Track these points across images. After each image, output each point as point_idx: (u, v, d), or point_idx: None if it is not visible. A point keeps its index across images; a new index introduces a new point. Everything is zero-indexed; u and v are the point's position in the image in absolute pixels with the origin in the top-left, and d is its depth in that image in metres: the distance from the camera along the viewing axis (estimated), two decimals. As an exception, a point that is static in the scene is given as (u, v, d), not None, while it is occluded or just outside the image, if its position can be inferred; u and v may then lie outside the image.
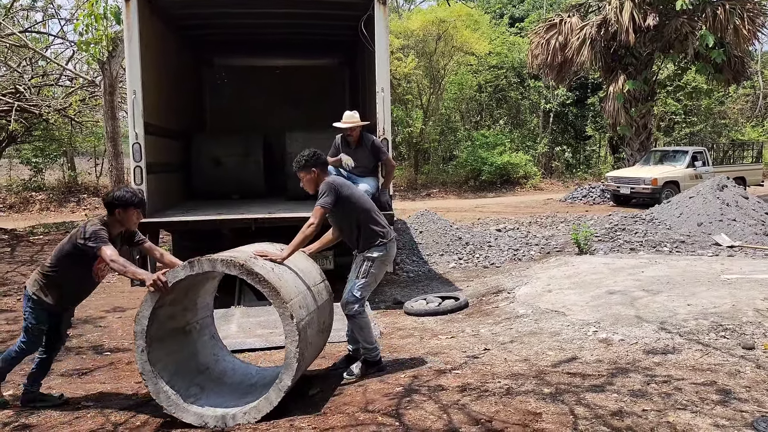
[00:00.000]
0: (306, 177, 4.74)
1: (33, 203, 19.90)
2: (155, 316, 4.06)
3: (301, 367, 4.05)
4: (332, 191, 4.59)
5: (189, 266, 4.00)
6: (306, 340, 4.09)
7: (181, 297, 4.40)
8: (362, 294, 4.71)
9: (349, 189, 4.77)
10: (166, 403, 4.00)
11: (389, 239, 4.80)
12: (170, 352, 4.29)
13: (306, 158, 4.72)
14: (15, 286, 8.87)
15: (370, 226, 4.73)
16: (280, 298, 3.94)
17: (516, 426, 3.47)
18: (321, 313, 4.53)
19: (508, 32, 28.47)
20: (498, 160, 23.46)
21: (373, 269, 4.73)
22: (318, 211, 4.57)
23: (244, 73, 11.32)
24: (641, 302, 5.91)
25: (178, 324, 4.51)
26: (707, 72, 19.46)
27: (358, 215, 4.71)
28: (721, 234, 10.22)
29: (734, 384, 3.96)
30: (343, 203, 4.65)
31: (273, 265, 4.21)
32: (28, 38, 14.28)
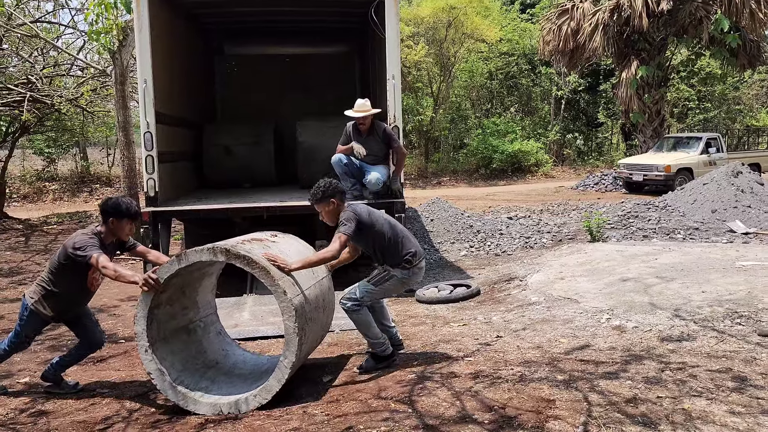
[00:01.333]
0: (325, 209, 4.51)
1: (46, 193, 20.06)
2: (154, 316, 4.12)
3: (303, 342, 4.04)
4: (354, 220, 4.41)
5: (176, 260, 4.04)
6: (304, 316, 4.08)
7: (177, 295, 4.43)
8: (363, 297, 4.55)
9: (370, 216, 4.57)
10: (177, 398, 4.05)
11: (415, 264, 4.63)
12: (175, 350, 4.35)
13: (323, 189, 4.49)
14: (29, 275, 8.96)
15: (396, 250, 4.59)
16: (271, 276, 3.93)
17: (529, 413, 3.46)
18: (318, 289, 4.49)
19: (519, 18, 28.20)
20: (509, 148, 23.34)
21: (388, 285, 4.62)
22: (339, 240, 4.34)
23: (254, 62, 11.30)
24: (655, 289, 5.87)
25: (181, 323, 4.55)
26: (722, 57, 19.22)
27: (381, 241, 4.58)
28: (735, 221, 10.12)
29: (750, 371, 3.93)
30: (366, 231, 4.52)
31: (259, 249, 4.16)
32: (39, 28, 14.30)
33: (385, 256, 4.63)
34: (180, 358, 4.33)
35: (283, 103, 10.85)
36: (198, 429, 3.76)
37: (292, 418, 3.75)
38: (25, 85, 14.46)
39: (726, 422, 3.24)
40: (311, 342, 4.38)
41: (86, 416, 4.06)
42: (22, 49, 15.30)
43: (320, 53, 11.52)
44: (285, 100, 10.92)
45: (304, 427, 3.57)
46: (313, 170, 8.80)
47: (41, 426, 3.92)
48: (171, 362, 4.20)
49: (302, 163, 9.07)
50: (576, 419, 3.35)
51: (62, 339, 5.82)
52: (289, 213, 7.17)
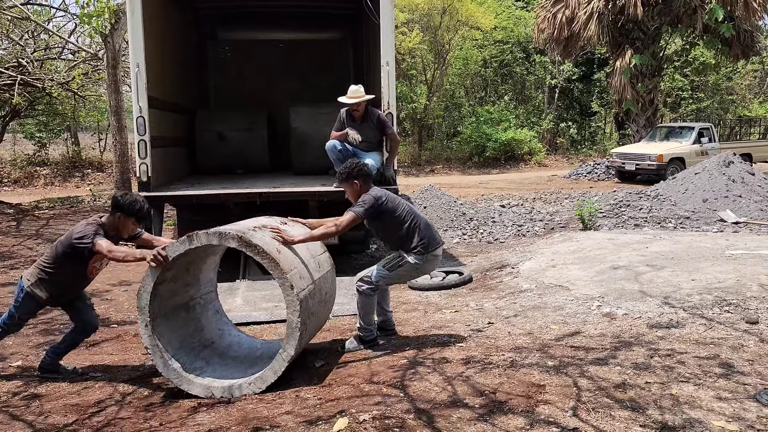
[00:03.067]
0: (349, 189, 4.73)
1: (37, 178, 19.94)
2: (156, 292, 4.11)
3: (303, 336, 4.08)
4: (371, 203, 4.53)
5: (188, 240, 4.03)
6: (308, 310, 4.12)
7: (182, 273, 4.43)
8: (378, 281, 4.66)
9: (391, 202, 4.66)
10: (172, 376, 4.06)
11: (430, 251, 4.67)
12: (174, 328, 4.34)
13: (348, 170, 4.68)
14: (21, 259, 8.94)
15: (410, 237, 4.65)
16: (280, 268, 3.96)
17: (520, 397, 3.50)
18: (323, 283, 4.54)
19: (514, 6, 28.11)
20: (502, 136, 23.35)
21: (402, 270, 4.68)
22: (349, 218, 4.48)
23: (248, 47, 11.23)
24: (645, 277, 5.92)
25: (181, 300, 4.54)
26: (715, 47, 19.24)
27: (398, 228, 4.65)
28: (726, 210, 10.20)
29: (737, 357, 3.98)
30: (386, 215, 4.61)
31: (269, 238, 4.18)
32: (30, 11, 14.16)
33: (400, 242, 4.70)
34: (178, 336, 4.34)
35: (276, 89, 10.79)
36: (191, 412, 3.78)
37: (285, 402, 3.78)
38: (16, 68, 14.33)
39: (713, 407, 3.29)
40: (310, 334, 4.42)
41: (79, 399, 4.07)
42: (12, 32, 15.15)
43: (314, 39, 11.46)
44: (279, 85, 10.86)
45: (296, 411, 3.60)
46: (307, 156, 8.80)
47: (34, 409, 3.93)
48: (169, 339, 4.21)
49: (295, 149, 9.05)
50: (565, 404, 3.39)
51: (54, 323, 5.82)
52: (282, 199, 7.17)
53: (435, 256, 4.75)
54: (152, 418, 3.72)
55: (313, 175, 8.52)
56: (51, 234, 10.72)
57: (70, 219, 12.17)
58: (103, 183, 19.48)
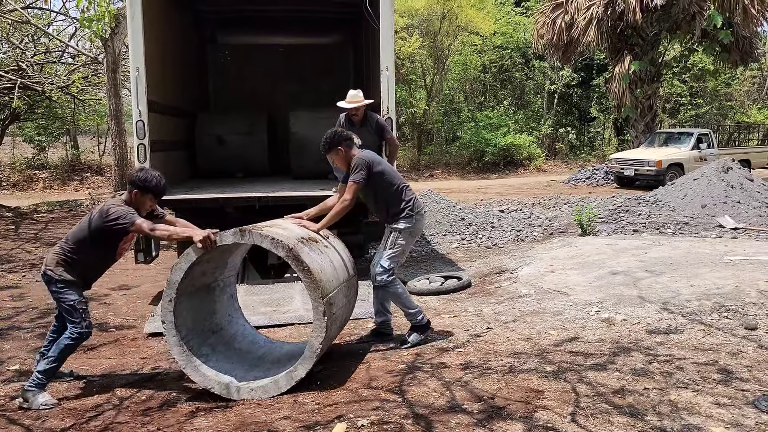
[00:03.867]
0: (335, 157, 4.87)
1: (36, 181, 19.92)
2: (190, 271, 4.09)
3: (316, 360, 4.09)
4: (365, 167, 4.69)
5: (240, 234, 4.05)
6: (330, 337, 4.19)
7: (217, 257, 4.42)
8: (390, 264, 4.77)
9: (380, 164, 4.86)
10: (179, 356, 4.08)
11: (416, 212, 4.85)
12: (192, 307, 4.33)
13: (328, 139, 4.83)
14: (20, 263, 8.92)
15: (399, 198, 4.81)
16: (319, 292, 3.98)
17: (518, 403, 3.50)
18: (347, 307, 4.63)
19: (514, 12, 28.17)
20: (501, 141, 23.37)
21: (401, 240, 4.80)
22: (352, 187, 4.66)
23: (248, 52, 11.25)
24: (644, 283, 5.92)
25: (207, 281, 4.55)
26: (714, 53, 19.28)
27: (388, 189, 4.80)
28: (725, 216, 10.20)
29: (736, 363, 3.98)
30: (374, 178, 4.74)
31: (318, 254, 4.24)
32: (31, 14, 14.17)
33: (390, 206, 4.82)
34: (192, 317, 4.32)
35: (276, 93, 10.81)
36: (189, 417, 3.77)
37: (283, 407, 3.77)
38: (16, 71, 14.35)
39: (711, 413, 3.29)
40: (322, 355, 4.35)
41: (77, 404, 4.06)
42: (12, 36, 15.18)
43: (314, 44, 11.49)
44: (278, 90, 10.88)
45: (294, 416, 3.59)
46: (306, 160, 8.80)
47: (31, 413, 3.92)
48: (184, 319, 4.19)
49: (295, 153, 9.06)
50: (564, 409, 3.39)
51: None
52: (282, 203, 7.16)
53: (421, 216, 4.93)
54: (150, 422, 3.71)
55: (312, 179, 8.52)
56: (50, 237, 10.72)
57: (68, 222, 12.16)
58: (102, 187, 19.48)
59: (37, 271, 8.52)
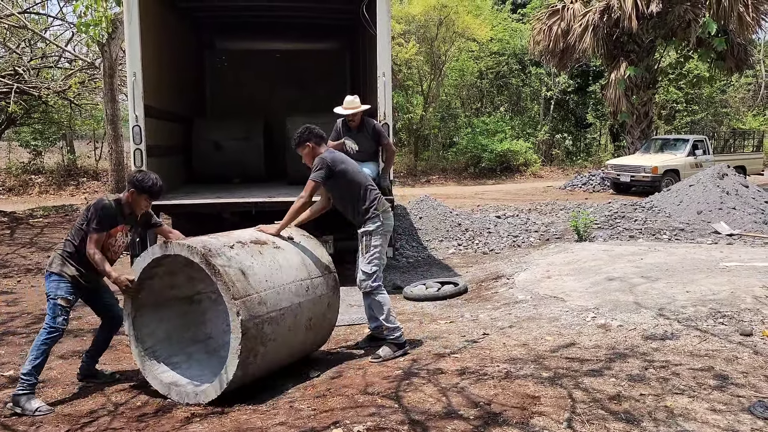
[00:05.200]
0: (303, 152, 4.88)
1: (32, 186, 19.86)
2: (145, 285, 4.26)
3: (249, 362, 3.96)
4: (324, 166, 4.68)
5: (164, 247, 4.18)
6: (260, 337, 4.00)
7: (180, 267, 4.41)
8: (371, 269, 4.73)
9: (342, 164, 4.79)
10: (140, 364, 4.25)
11: (383, 210, 4.82)
12: (164, 318, 4.43)
13: (299, 134, 4.86)
14: (15, 267, 8.89)
15: (363, 198, 4.78)
16: (229, 294, 3.88)
17: (514, 409, 3.50)
18: (308, 308, 4.43)
19: (510, 18, 28.27)
20: (498, 147, 23.40)
21: (375, 242, 4.76)
22: (309, 185, 4.67)
23: (245, 57, 11.28)
24: (640, 289, 5.93)
25: (183, 293, 4.62)
26: (710, 60, 19.37)
27: (350, 189, 4.78)
28: (720, 222, 10.23)
29: (731, 369, 3.99)
30: (336, 177, 4.72)
31: (245, 258, 4.13)
32: (27, 19, 14.17)
33: (354, 205, 4.79)
34: (166, 327, 4.40)
35: (273, 99, 10.83)
36: (184, 423, 3.76)
37: (279, 413, 3.76)
38: (12, 76, 14.33)
39: (707, 419, 3.29)
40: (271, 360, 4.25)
41: (72, 409, 4.05)
42: (9, 40, 15.17)
43: (311, 49, 11.52)
44: (275, 95, 10.90)
45: (290, 422, 3.58)
46: (302, 166, 8.77)
47: (26, 419, 3.91)
48: (152, 330, 4.34)
49: (291, 158, 9.04)
50: (560, 415, 3.39)
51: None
52: (278, 209, 7.15)
53: (388, 213, 4.89)
54: (145, 428, 3.70)
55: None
56: (45, 242, 10.68)
57: (65, 227, 12.13)
58: (99, 191, 19.43)
59: (32, 276, 8.50)
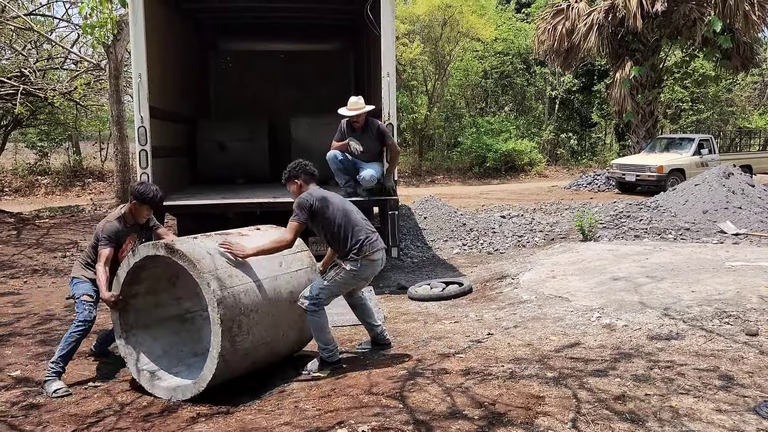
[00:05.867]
0: (291, 188, 4.78)
1: (38, 187, 19.95)
2: (129, 306, 4.47)
3: (235, 332, 4.05)
4: (305, 208, 4.51)
5: (133, 253, 4.35)
6: (239, 307, 4.08)
7: (162, 285, 4.65)
8: (320, 295, 4.52)
9: (327, 206, 4.59)
10: (142, 381, 4.31)
11: (364, 256, 4.56)
12: (157, 337, 4.55)
13: (289, 170, 4.78)
14: (21, 268, 8.93)
15: (345, 241, 4.58)
16: (197, 269, 4.01)
17: (519, 409, 3.49)
18: (287, 281, 4.54)
19: (515, 18, 28.24)
20: (503, 147, 23.38)
21: (340, 278, 4.57)
22: (292, 227, 4.47)
23: (249, 58, 11.30)
24: (645, 288, 5.92)
25: (172, 312, 4.76)
26: (715, 59, 19.30)
27: (331, 230, 4.59)
28: (726, 221, 10.19)
29: (737, 370, 3.98)
30: (318, 217, 4.57)
31: (210, 244, 4.30)
32: (33, 21, 14.23)
33: (335, 246, 4.68)
34: (161, 344, 4.49)
35: (277, 100, 10.85)
36: (189, 423, 3.77)
37: (284, 413, 3.77)
38: (19, 78, 14.40)
39: (712, 420, 3.28)
40: (260, 336, 4.29)
41: (78, 410, 4.06)
42: (15, 42, 15.25)
43: (315, 50, 11.53)
44: (279, 96, 10.92)
45: (295, 422, 3.59)
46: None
47: (33, 419, 3.93)
48: (148, 348, 4.44)
49: (296, 159, 9.07)
50: (565, 416, 3.38)
51: (53, 333, 5.81)
52: (282, 209, 7.17)
53: (371, 261, 4.61)
54: (151, 428, 3.72)
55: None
56: (51, 243, 10.72)
57: (70, 228, 12.18)
58: (104, 192, 19.50)
59: (38, 276, 8.54)
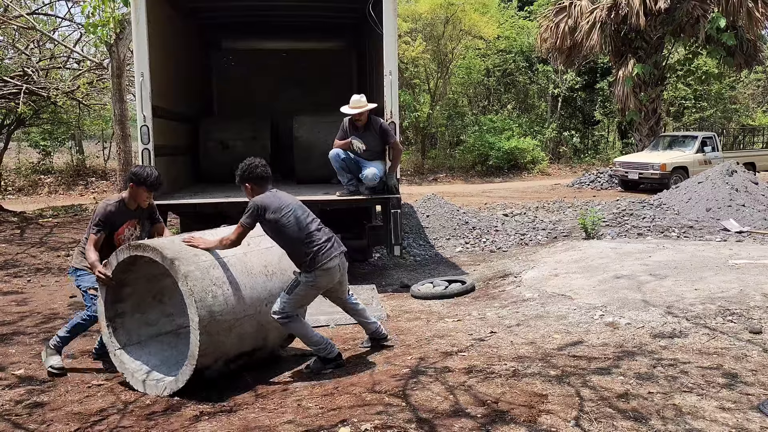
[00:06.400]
0: (244, 191, 4.69)
1: (41, 186, 19.99)
2: (117, 325, 4.53)
3: (210, 302, 4.11)
4: (254, 213, 4.40)
5: (114, 254, 4.40)
6: (210, 278, 4.19)
7: (148, 303, 4.75)
8: (285, 309, 4.43)
9: (277, 212, 4.42)
10: (138, 386, 4.35)
11: (319, 266, 4.42)
12: (152, 352, 4.62)
13: (239, 173, 4.62)
14: (25, 267, 8.95)
15: (297, 250, 4.47)
16: (161, 254, 4.14)
17: (522, 407, 3.49)
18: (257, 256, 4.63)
19: (517, 16, 28.20)
20: (505, 145, 23.35)
21: (299, 291, 4.46)
22: (237, 230, 4.41)
23: (251, 57, 11.29)
24: (648, 286, 5.91)
25: (166, 328, 4.83)
26: (718, 56, 19.26)
27: (282, 238, 4.49)
28: (729, 219, 10.18)
29: (740, 368, 3.97)
30: (267, 225, 4.47)
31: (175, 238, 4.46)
32: (36, 20, 14.23)
33: (289, 256, 4.57)
34: (159, 357, 4.56)
35: (280, 98, 10.84)
36: (193, 421, 3.78)
37: (287, 411, 3.78)
38: (21, 77, 14.41)
39: (716, 418, 3.28)
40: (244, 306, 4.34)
41: (81, 408, 4.07)
42: (18, 41, 15.25)
43: (317, 48, 11.52)
44: (282, 95, 10.91)
45: (298, 420, 3.60)
46: (310, 165, 8.83)
47: (36, 417, 3.93)
48: (146, 360, 4.52)
49: (298, 157, 9.08)
50: (568, 414, 3.38)
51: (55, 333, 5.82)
52: None
53: (325, 271, 4.45)
54: (154, 427, 3.72)
55: (315, 183, 8.54)
56: (54, 242, 10.75)
57: (74, 227, 12.21)
58: (107, 191, 19.53)
59: (41, 275, 8.56)
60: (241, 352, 4.48)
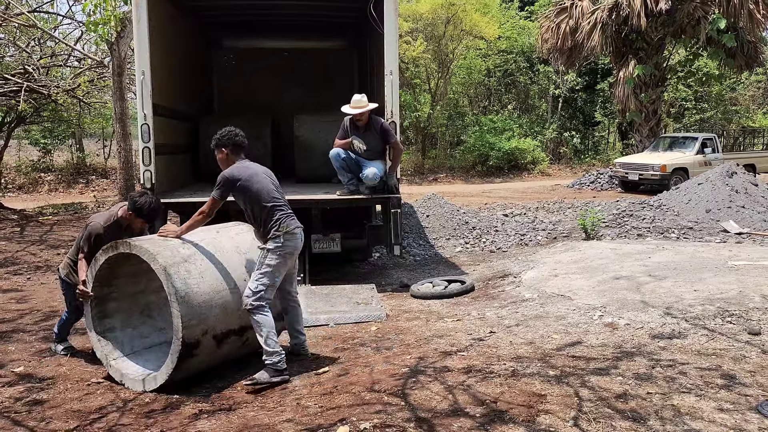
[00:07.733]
0: (218, 156, 4.73)
1: (42, 184, 19.99)
2: (108, 339, 4.63)
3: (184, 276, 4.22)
4: (226, 183, 4.50)
5: (99, 253, 4.53)
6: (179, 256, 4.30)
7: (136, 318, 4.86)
8: (258, 287, 4.40)
9: (247, 181, 4.53)
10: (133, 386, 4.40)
11: (285, 231, 4.51)
12: (149, 359, 4.68)
13: (218, 137, 4.70)
14: (24, 265, 8.96)
15: (265, 218, 4.54)
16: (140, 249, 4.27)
17: (521, 407, 3.50)
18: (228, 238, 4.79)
19: (518, 16, 28.19)
20: (506, 146, 23.36)
21: (269, 261, 4.46)
22: (209, 202, 4.53)
23: (252, 56, 11.29)
24: (647, 287, 5.91)
25: (159, 340, 4.90)
26: (719, 58, 19.26)
27: (253, 207, 4.56)
28: (729, 221, 10.18)
29: (739, 369, 3.98)
30: (240, 193, 4.55)
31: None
32: (37, 18, 14.23)
33: (256, 223, 4.64)
34: (155, 364, 4.57)
35: (280, 97, 10.85)
36: (192, 419, 3.78)
37: (286, 410, 3.78)
38: (22, 75, 14.41)
39: (714, 418, 3.29)
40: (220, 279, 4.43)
41: (81, 405, 4.08)
42: (19, 39, 15.25)
43: (319, 48, 11.52)
44: (283, 94, 10.91)
45: (297, 419, 3.60)
46: (310, 164, 8.83)
47: (36, 415, 3.94)
48: (143, 364, 4.62)
49: (299, 157, 9.09)
50: (567, 414, 3.39)
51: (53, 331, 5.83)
52: None
53: (292, 234, 4.57)
54: (153, 424, 3.73)
55: (316, 182, 8.55)
56: (54, 240, 10.76)
57: (73, 225, 12.21)
58: (107, 189, 19.54)
59: (41, 273, 8.57)
60: (229, 330, 4.44)
